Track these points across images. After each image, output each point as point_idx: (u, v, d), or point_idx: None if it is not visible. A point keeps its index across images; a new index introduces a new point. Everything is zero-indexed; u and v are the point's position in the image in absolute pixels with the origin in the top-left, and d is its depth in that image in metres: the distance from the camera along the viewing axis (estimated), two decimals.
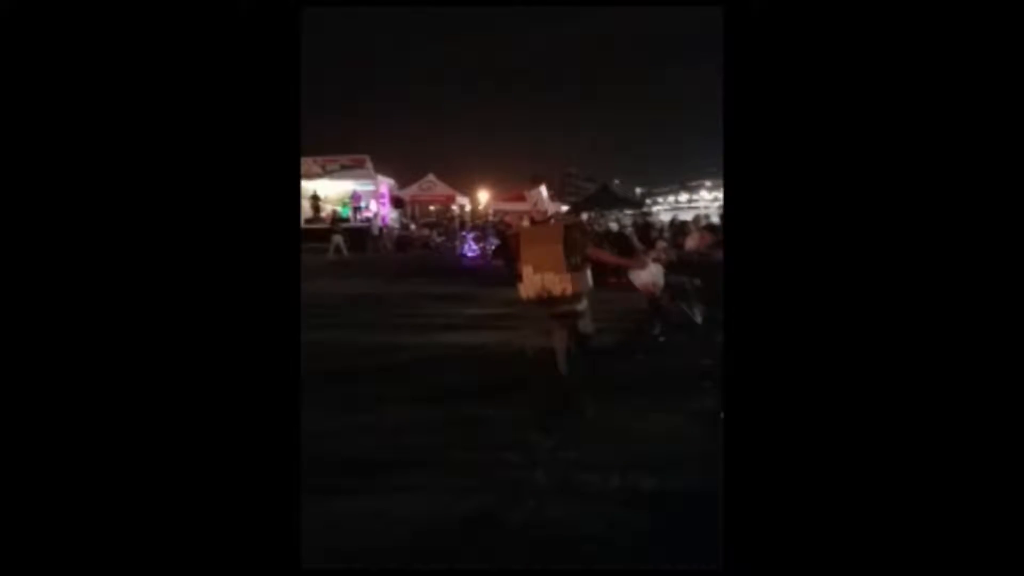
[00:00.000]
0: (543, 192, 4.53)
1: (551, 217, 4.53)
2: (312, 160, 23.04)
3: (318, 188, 23.44)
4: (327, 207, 23.21)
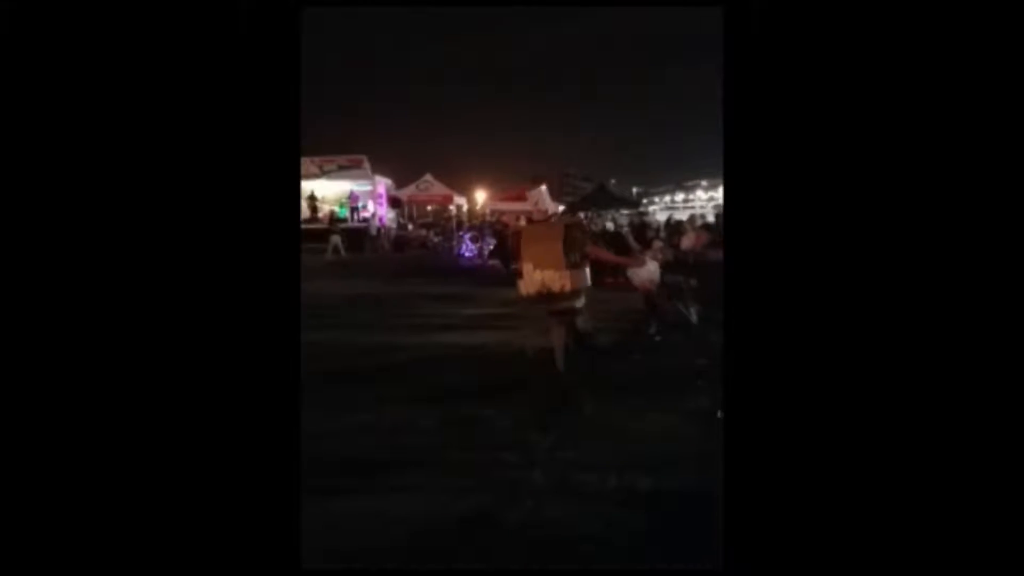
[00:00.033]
0: (545, 192, 4.60)
1: (551, 216, 4.58)
2: (309, 160, 22.94)
3: (315, 188, 23.36)
4: (324, 207, 23.15)
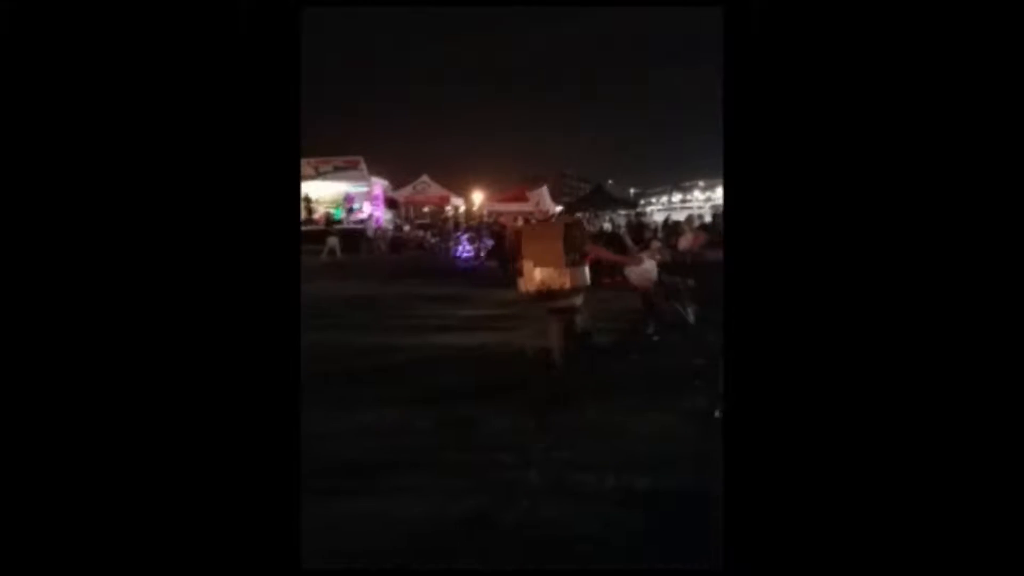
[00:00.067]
0: (546, 192, 4.69)
1: (551, 217, 4.68)
2: (305, 162, 22.84)
3: (310, 190, 23.31)
4: (320, 209, 23.12)
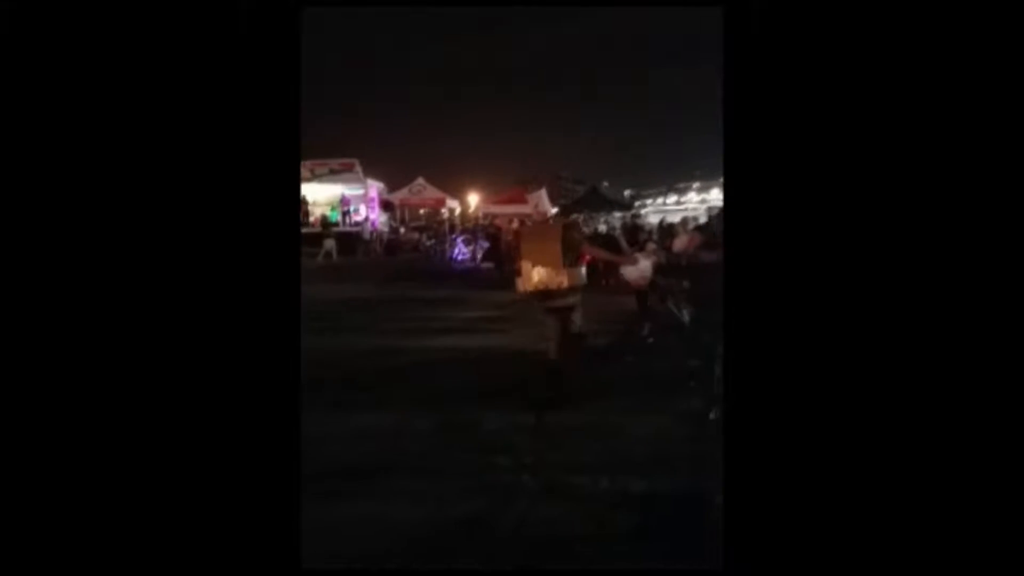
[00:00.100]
0: (544, 195, 4.74)
1: (549, 217, 4.74)
2: (301, 164, 22.85)
3: (306, 193, 23.26)
4: (315, 211, 23.07)
